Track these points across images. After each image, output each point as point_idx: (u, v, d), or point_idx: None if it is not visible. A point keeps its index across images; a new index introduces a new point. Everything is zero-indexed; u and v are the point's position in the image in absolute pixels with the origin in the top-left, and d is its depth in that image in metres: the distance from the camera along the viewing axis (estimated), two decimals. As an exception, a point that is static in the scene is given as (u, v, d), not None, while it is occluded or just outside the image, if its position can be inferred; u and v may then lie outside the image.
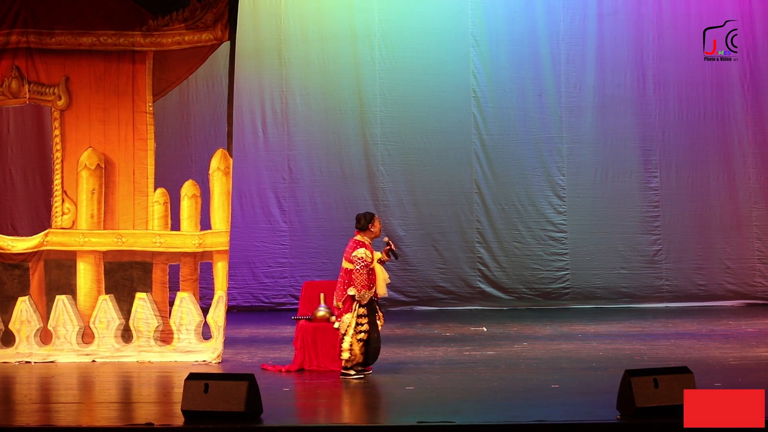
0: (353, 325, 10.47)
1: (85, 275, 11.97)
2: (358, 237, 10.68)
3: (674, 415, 8.14)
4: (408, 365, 11.23)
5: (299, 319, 11.25)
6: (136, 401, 9.92)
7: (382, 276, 10.65)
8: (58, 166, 12.10)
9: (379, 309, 10.73)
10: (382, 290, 10.65)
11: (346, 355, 10.44)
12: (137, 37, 12.03)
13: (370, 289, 10.55)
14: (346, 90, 16.60)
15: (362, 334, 10.48)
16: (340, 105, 16.61)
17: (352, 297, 10.50)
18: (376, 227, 10.73)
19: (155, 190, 12.02)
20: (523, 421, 8.33)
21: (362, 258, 10.50)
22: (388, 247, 10.72)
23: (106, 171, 12.05)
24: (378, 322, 10.64)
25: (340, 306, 10.55)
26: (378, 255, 10.71)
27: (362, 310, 10.51)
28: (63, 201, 12.05)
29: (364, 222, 10.71)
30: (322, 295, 11.26)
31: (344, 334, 10.46)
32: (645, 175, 16.65)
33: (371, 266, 10.57)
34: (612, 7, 16.67)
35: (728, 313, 15.61)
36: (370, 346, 10.55)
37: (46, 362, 11.75)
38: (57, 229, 12.04)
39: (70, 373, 11.19)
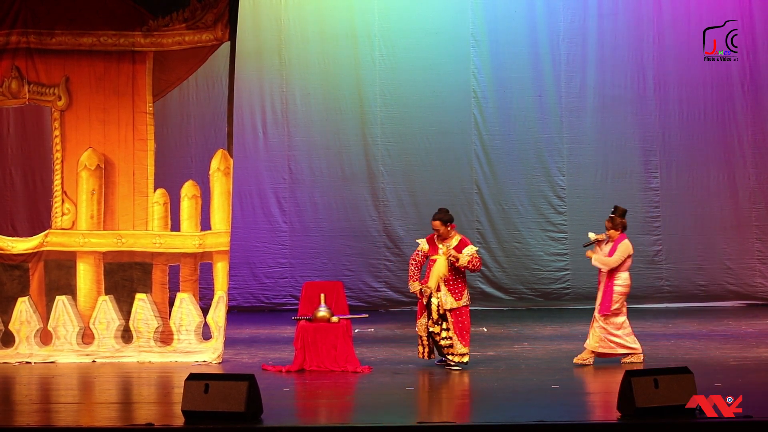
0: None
1: (85, 276, 11.97)
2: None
3: (675, 415, 8.15)
4: (408, 365, 11.23)
5: (299, 320, 11.25)
6: (137, 401, 9.93)
7: (436, 270, 10.99)
8: (58, 167, 12.10)
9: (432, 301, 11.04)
10: (431, 282, 11.00)
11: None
12: (137, 37, 12.03)
13: (415, 281, 11.02)
14: (346, 90, 16.59)
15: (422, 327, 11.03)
16: (341, 105, 16.61)
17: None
18: (434, 225, 11.12)
19: (155, 190, 12.02)
20: (524, 421, 8.34)
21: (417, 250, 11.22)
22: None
23: (106, 171, 12.05)
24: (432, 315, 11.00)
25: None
26: (444, 248, 11.03)
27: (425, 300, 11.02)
28: (63, 201, 12.05)
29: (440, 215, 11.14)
30: (322, 295, 11.26)
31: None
32: (645, 175, 16.64)
33: (417, 259, 11.10)
34: (612, 8, 16.66)
35: (728, 313, 15.60)
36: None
37: (46, 363, 11.74)
38: (57, 229, 12.03)
39: (70, 374, 11.19)
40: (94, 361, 11.78)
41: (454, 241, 11.05)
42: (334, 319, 11.10)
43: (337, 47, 16.57)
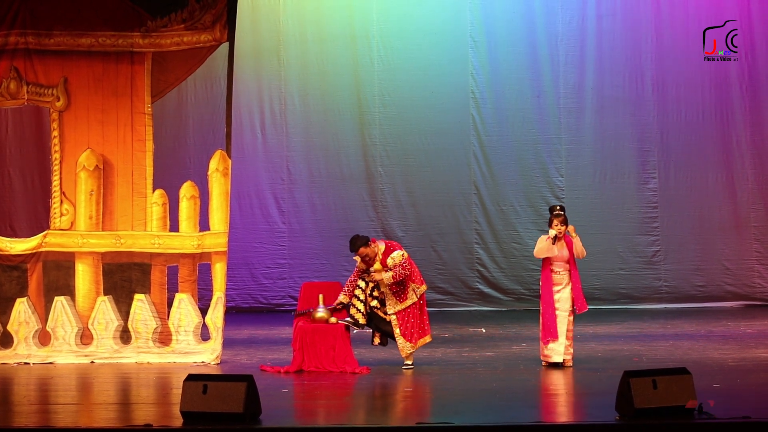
0: None
1: (84, 276, 11.97)
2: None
3: (673, 416, 8.15)
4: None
5: (301, 314, 11.23)
6: (135, 402, 9.93)
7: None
8: (56, 167, 12.10)
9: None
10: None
11: None
12: (136, 38, 12.03)
13: (344, 294, 11.28)
14: (344, 91, 16.59)
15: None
16: (339, 106, 16.61)
17: None
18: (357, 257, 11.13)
19: (154, 191, 12.02)
20: (522, 422, 8.34)
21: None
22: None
23: (104, 172, 12.05)
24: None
25: None
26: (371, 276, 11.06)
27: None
28: (61, 202, 12.04)
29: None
30: (321, 296, 11.25)
31: None
32: (643, 175, 16.64)
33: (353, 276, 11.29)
34: (610, 8, 16.66)
35: (727, 314, 15.61)
36: None
37: (44, 363, 11.74)
38: (55, 230, 12.03)
39: (68, 375, 11.19)
40: (92, 362, 11.78)
41: (380, 254, 10.97)
42: (333, 319, 11.10)
43: (335, 48, 16.57)
